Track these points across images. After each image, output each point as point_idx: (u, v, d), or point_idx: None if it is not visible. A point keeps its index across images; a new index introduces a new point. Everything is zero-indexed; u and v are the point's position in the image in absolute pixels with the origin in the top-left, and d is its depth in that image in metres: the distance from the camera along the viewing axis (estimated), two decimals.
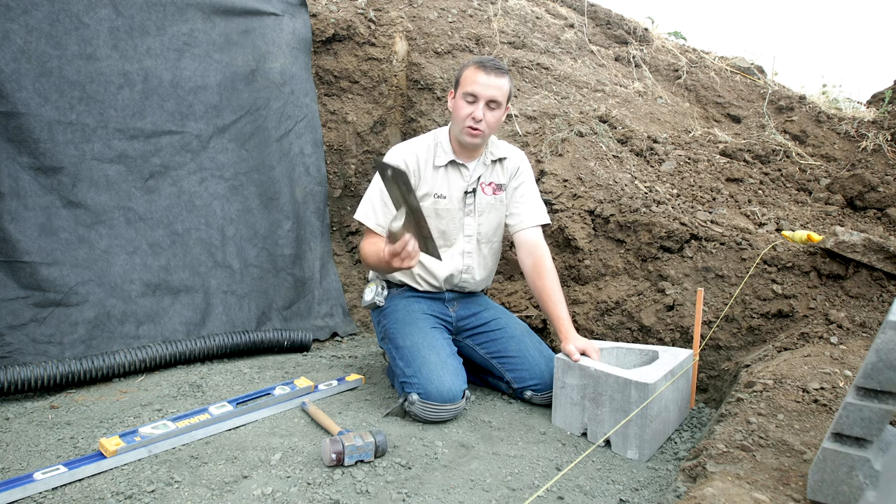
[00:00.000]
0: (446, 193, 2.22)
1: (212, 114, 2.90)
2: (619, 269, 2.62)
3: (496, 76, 2.08)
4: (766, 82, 4.04)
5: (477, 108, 2.08)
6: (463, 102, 2.11)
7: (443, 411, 2.02)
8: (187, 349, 2.53)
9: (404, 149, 2.23)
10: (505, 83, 2.10)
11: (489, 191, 2.27)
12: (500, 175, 2.30)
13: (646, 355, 2.13)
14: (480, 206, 2.26)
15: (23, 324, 2.35)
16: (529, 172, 2.36)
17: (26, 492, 1.57)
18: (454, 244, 2.27)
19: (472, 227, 2.27)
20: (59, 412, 2.10)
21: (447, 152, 2.22)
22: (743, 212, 2.73)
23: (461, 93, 2.11)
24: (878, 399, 1.17)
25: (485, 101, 2.08)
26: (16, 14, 2.40)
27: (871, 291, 2.12)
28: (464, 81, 2.11)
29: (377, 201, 2.21)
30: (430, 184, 2.22)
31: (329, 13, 3.47)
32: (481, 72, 2.07)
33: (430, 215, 2.17)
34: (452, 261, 2.28)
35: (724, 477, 1.40)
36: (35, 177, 2.44)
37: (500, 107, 2.12)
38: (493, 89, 2.08)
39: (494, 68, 2.09)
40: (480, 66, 2.08)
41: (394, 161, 2.17)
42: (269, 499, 1.56)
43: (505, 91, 2.11)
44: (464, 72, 2.13)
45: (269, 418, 2.07)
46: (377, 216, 2.20)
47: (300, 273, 3.15)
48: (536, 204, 2.33)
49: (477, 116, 2.08)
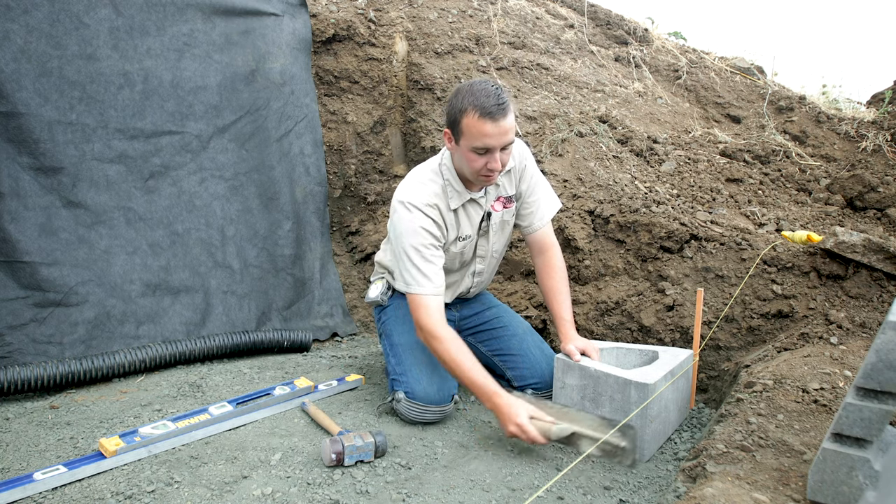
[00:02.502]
0: (470, 232, 2.10)
1: (212, 114, 2.90)
2: (619, 269, 2.62)
3: (503, 118, 1.80)
4: (765, 82, 4.04)
5: (492, 157, 1.85)
6: (474, 155, 1.85)
7: (427, 412, 2.02)
8: (187, 349, 2.53)
9: (423, 199, 1.96)
10: (511, 117, 1.83)
11: (499, 206, 2.13)
12: (508, 186, 2.13)
13: (646, 355, 2.13)
14: (494, 226, 2.15)
15: (23, 324, 2.35)
16: (532, 161, 2.18)
17: (26, 492, 1.57)
18: (466, 267, 2.23)
19: (486, 248, 2.19)
20: (59, 412, 2.10)
21: (461, 192, 2.01)
22: (743, 212, 2.73)
23: (469, 146, 1.84)
24: (878, 399, 1.17)
25: (499, 148, 1.85)
26: (16, 14, 2.40)
27: (870, 292, 2.12)
28: (468, 133, 1.82)
29: (420, 261, 1.94)
30: (455, 229, 2.05)
31: (329, 13, 3.47)
32: (488, 122, 1.78)
33: (455, 256, 2.11)
34: (463, 281, 2.27)
35: (724, 477, 1.40)
36: (35, 177, 2.44)
37: (513, 142, 1.91)
38: (506, 134, 1.82)
39: (500, 111, 1.79)
40: (485, 115, 1.78)
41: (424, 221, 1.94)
42: (269, 499, 1.56)
43: (514, 124, 1.86)
44: (464, 119, 1.82)
45: (269, 418, 2.07)
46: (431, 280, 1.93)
47: (300, 273, 3.15)
48: (546, 199, 2.20)
49: (494, 167, 1.87)
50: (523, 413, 1.77)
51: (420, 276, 1.93)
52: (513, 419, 1.76)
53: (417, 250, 1.93)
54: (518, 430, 1.76)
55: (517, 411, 1.77)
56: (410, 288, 1.95)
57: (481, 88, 1.82)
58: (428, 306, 1.92)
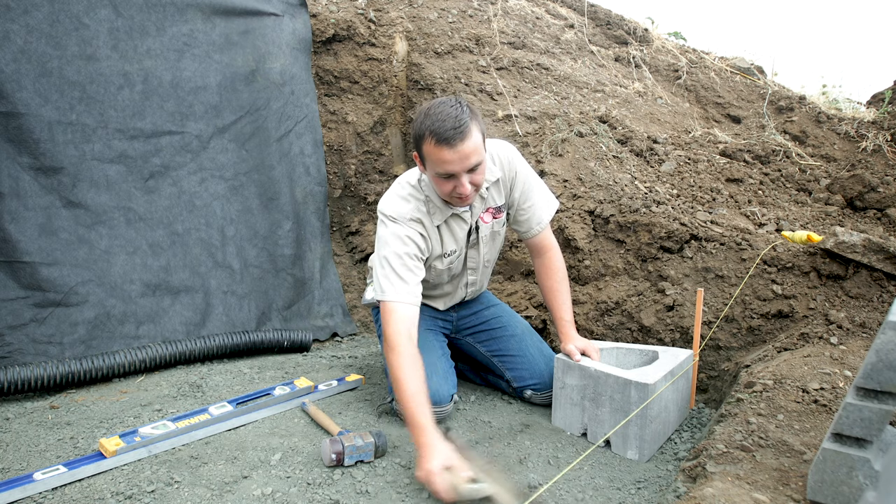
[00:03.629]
0: (455, 248, 2.05)
1: (212, 114, 2.90)
2: (619, 269, 2.62)
3: (461, 143, 1.70)
4: (765, 82, 4.04)
5: (459, 181, 1.78)
6: (440, 180, 1.80)
7: None
8: (187, 349, 2.53)
9: (408, 219, 1.92)
10: (473, 139, 1.73)
11: (488, 218, 2.08)
12: (496, 197, 2.07)
13: (646, 356, 2.13)
14: (485, 238, 2.11)
15: (23, 324, 2.35)
16: (524, 167, 2.10)
17: (26, 492, 1.57)
18: (456, 280, 2.21)
19: (477, 259, 2.16)
20: (59, 412, 2.10)
21: (442, 209, 1.96)
22: (743, 212, 2.73)
23: (433, 172, 1.80)
24: (877, 399, 1.17)
25: (465, 172, 1.77)
26: (16, 14, 2.40)
27: (870, 292, 2.12)
28: (429, 159, 1.77)
29: (401, 268, 1.87)
30: (439, 245, 2.01)
31: (329, 13, 3.48)
32: (446, 148, 1.71)
33: (441, 271, 2.09)
34: (457, 293, 2.27)
35: (724, 477, 1.40)
36: (35, 177, 2.44)
37: (481, 162, 1.80)
38: (467, 158, 1.74)
39: (457, 135, 1.70)
40: (441, 141, 1.70)
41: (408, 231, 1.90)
42: (268, 499, 1.56)
43: (478, 144, 1.76)
44: (424, 146, 1.76)
45: (269, 418, 2.07)
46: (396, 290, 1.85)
47: (300, 273, 3.15)
48: (542, 202, 2.15)
49: (462, 192, 1.79)
50: (438, 460, 1.55)
51: (397, 282, 1.86)
52: (425, 464, 1.56)
53: (400, 257, 1.88)
54: (425, 477, 1.56)
55: (434, 455, 1.57)
56: (384, 295, 1.86)
57: (439, 112, 1.74)
58: (395, 313, 1.82)
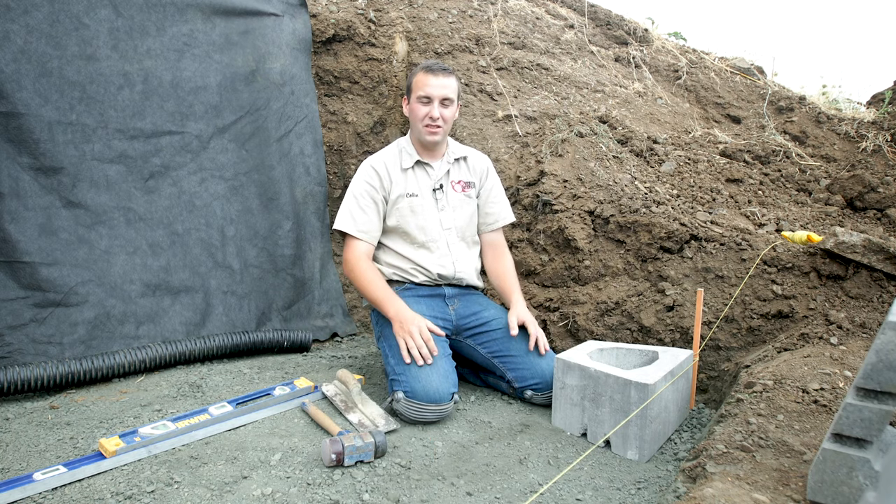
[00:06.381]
0: (417, 192, 2.39)
1: (212, 114, 2.90)
2: (619, 269, 2.62)
3: (444, 76, 2.29)
4: (765, 83, 4.04)
5: (432, 107, 2.28)
6: (418, 105, 2.30)
7: (427, 411, 2.03)
8: (187, 349, 2.53)
9: (374, 159, 2.42)
10: (452, 81, 2.32)
11: (458, 188, 2.46)
12: (467, 173, 2.50)
13: (646, 356, 2.13)
14: (453, 202, 2.44)
15: (23, 324, 2.35)
16: (497, 181, 2.58)
17: (26, 492, 1.57)
18: (437, 239, 2.38)
19: (449, 220, 2.42)
20: (58, 412, 2.10)
21: (412, 154, 2.41)
22: (743, 212, 2.73)
23: (415, 97, 2.31)
24: (877, 399, 1.17)
25: (438, 100, 2.28)
26: (16, 14, 2.40)
27: (870, 292, 2.12)
28: (415, 87, 2.31)
29: (354, 208, 2.34)
30: (401, 186, 2.38)
31: (329, 13, 3.47)
32: (430, 75, 2.28)
33: (406, 213, 2.36)
34: (442, 256, 2.38)
35: (724, 477, 1.40)
36: (35, 177, 2.44)
37: (452, 103, 2.32)
38: (444, 88, 2.28)
39: (441, 70, 2.30)
40: (428, 70, 2.30)
41: (367, 173, 2.37)
42: (268, 499, 1.56)
43: (454, 88, 2.32)
44: (413, 78, 2.33)
45: (269, 419, 2.07)
46: (356, 222, 2.32)
47: (300, 273, 3.14)
48: (507, 206, 2.59)
49: (433, 115, 2.28)
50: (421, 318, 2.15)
51: (357, 215, 2.32)
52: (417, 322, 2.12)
53: (355, 197, 2.33)
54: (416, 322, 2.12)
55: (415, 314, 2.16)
56: (344, 226, 2.31)
57: (433, 61, 2.46)
58: (354, 243, 2.31)
